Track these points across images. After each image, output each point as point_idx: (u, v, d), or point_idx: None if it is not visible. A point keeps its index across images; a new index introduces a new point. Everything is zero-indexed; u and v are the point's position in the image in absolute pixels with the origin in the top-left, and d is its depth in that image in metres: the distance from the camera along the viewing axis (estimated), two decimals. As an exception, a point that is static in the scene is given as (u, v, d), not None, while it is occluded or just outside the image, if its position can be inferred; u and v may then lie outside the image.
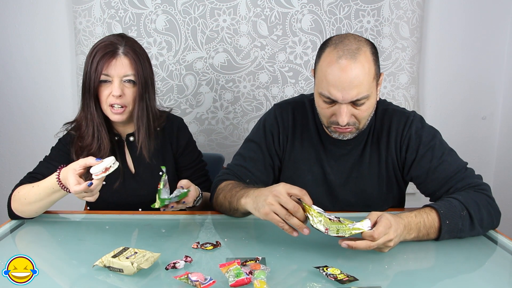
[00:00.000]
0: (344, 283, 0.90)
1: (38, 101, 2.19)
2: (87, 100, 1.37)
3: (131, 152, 1.47)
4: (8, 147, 2.24)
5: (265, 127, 1.41)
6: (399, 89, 2.13)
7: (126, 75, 1.34)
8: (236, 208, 1.20)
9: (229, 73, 2.11)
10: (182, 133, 1.52)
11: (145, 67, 1.38)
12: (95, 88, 1.34)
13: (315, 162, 1.37)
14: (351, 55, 1.15)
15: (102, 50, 1.33)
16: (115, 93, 1.32)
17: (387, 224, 0.98)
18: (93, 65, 1.32)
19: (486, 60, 2.22)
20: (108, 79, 1.33)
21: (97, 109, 1.37)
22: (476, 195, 1.17)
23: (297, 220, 1.01)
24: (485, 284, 0.95)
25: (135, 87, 1.36)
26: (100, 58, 1.32)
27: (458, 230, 1.11)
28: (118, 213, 1.36)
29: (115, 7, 2.03)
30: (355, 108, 1.19)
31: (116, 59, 1.33)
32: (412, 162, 1.29)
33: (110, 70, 1.32)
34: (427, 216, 1.10)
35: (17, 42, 2.14)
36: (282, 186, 1.04)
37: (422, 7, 2.08)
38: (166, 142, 1.50)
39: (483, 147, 2.31)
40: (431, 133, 1.31)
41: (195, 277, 0.89)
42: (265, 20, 2.06)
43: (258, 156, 1.39)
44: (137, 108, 1.38)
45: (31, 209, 1.27)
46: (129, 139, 1.47)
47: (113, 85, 1.33)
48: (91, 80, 1.33)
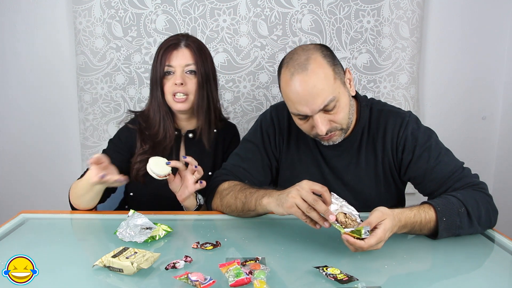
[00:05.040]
0: (344, 283, 0.90)
1: (38, 101, 2.19)
2: (154, 92, 1.47)
3: (187, 149, 1.53)
4: (8, 147, 2.24)
5: (261, 128, 1.42)
6: (399, 89, 2.13)
7: (187, 65, 1.44)
8: (254, 209, 1.21)
9: (229, 73, 2.11)
10: (236, 140, 1.60)
11: (206, 60, 1.48)
12: (161, 80, 1.44)
13: (312, 162, 1.38)
14: (301, 68, 1.17)
15: (166, 44, 1.46)
16: (177, 81, 1.42)
17: (380, 238, 0.99)
18: (158, 59, 1.45)
19: (486, 60, 2.22)
20: (171, 70, 1.44)
21: (163, 99, 1.47)
22: (474, 193, 1.18)
23: (316, 214, 1.03)
24: (484, 284, 0.95)
25: (196, 77, 1.45)
26: (164, 51, 1.44)
27: (456, 227, 1.12)
28: (118, 213, 1.36)
29: (115, 7, 2.03)
30: (328, 114, 1.20)
31: (177, 51, 1.44)
32: (409, 163, 1.30)
33: (173, 60, 1.43)
34: (425, 215, 1.11)
35: (17, 42, 2.14)
36: (305, 182, 1.07)
37: (422, 7, 2.08)
38: (219, 145, 1.56)
39: (483, 147, 2.31)
40: (427, 134, 1.31)
41: (195, 277, 0.89)
42: (265, 20, 2.06)
43: (256, 156, 1.39)
44: (198, 96, 1.46)
45: (84, 201, 1.34)
46: (188, 136, 1.53)
47: (176, 74, 1.43)
48: (157, 73, 1.45)
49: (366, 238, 0.99)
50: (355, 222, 1.02)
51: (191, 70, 1.44)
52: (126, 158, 1.48)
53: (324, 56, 1.20)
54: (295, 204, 1.05)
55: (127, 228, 1.12)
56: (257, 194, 1.20)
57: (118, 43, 2.04)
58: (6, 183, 2.24)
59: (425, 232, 1.13)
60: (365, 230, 0.99)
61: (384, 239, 1.01)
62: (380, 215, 1.02)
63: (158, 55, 1.46)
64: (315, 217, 1.04)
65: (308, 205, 1.04)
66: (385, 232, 1.00)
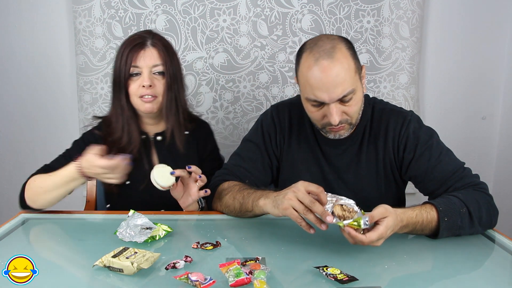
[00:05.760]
0: (344, 283, 0.90)
1: (38, 101, 2.19)
2: (117, 94, 1.39)
3: (159, 153, 1.46)
4: (8, 147, 2.24)
5: (262, 127, 1.42)
6: (399, 89, 2.13)
7: (155, 65, 1.36)
8: (251, 210, 1.20)
9: (229, 73, 2.11)
10: (210, 138, 1.54)
11: (173, 59, 1.40)
12: (125, 82, 1.36)
13: (313, 162, 1.38)
14: (327, 55, 1.16)
15: (130, 44, 1.36)
16: (145, 82, 1.34)
17: (381, 235, 0.99)
18: (122, 59, 1.35)
19: (486, 60, 2.23)
20: (138, 71, 1.35)
21: (127, 102, 1.38)
22: (476, 193, 1.18)
23: (313, 216, 1.02)
24: (484, 284, 0.95)
25: (164, 79, 1.37)
26: (129, 51, 1.34)
27: (457, 227, 1.12)
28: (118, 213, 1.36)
29: (115, 7, 2.03)
30: (343, 105, 1.20)
31: (144, 50, 1.35)
32: (410, 162, 1.30)
33: (139, 61, 1.34)
34: (427, 215, 1.11)
35: (17, 42, 2.14)
36: (301, 183, 1.06)
37: (422, 7, 2.08)
38: (193, 146, 1.49)
39: (483, 147, 2.31)
40: (429, 133, 1.31)
41: (195, 277, 0.89)
42: (265, 20, 2.06)
43: (257, 156, 1.39)
44: (166, 98, 1.39)
45: (46, 198, 1.28)
46: (156, 139, 1.47)
47: (143, 75, 1.35)
48: (121, 74, 1.35)
49: (368, 233, 0.98)
50: (353, 212, 1.01)
51: (159, 71, 1.36)
52: None
53: (348, 48, 1.21)
54: (291, 206, 1.04)
55: (127, 228, 1.12)
56: (254, 195, 1.20)
57: (118, 43, 2.04)
58: (6, 183, 2.25)
59: (426, 232, 1.13)
60: (364, 220, 0.98)
61: (385, 237, 1.00)
62: (383, 211, 1.01)
63: (121, 55, 1.35)
64: (311, 219, 1.03)
65: (305, 207, 1.02)
66: (387, 229, 1.00)
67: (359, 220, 0.98)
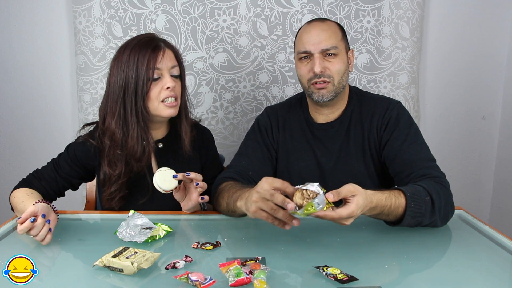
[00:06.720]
0: (344, 283, 0.90)
1: (38, 101, 2.19)
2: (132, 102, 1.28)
3: (160, 161, 1.42)
4: (8, 147, 2.24)
5: (259, 125, 1.52)
6: (399, 89, 2.13)
7: (173, 66, 1.32)
8: (234, 210, 1.21)
9: (229, 73, 2.11)
10: (211, 145, 1.53)
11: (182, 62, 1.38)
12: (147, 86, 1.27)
13: (307, 149, 1.46)
14: (320, 20, 1.42)
15: (147, 46, 1.29)
16: (170, 84, 1.29)
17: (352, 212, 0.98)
18: (139, 63, 1.27)
19: (486, 60, 2.23)
20: (159, 74, 1.29)
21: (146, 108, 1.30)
22: (436, 185, 1.20)
23: (283, 213, 1.00)
24: (484, 284, 0.95)
25: (179, 80, 1.35)
26: (150, 54, 1.27)
27: (420, 214, 1.13)
28: (118, 213, 1.36)
29: (115, 7, 2.03)
30: (327, 60, 1.36)
31: (163, 52, 1.30)
32: (386, 142, 1.37)
33: (161, 63, 1.29)
34: (396, 200, 1.11)
35: (17, 41, 2.14)
36: (264, 181, 1.03)
37: (422, 7, 2.08)
38: (195, 152, 1.46)
39: (483, 147, 2.31)
40: (410, 122, 1.39)
41: (195, 277, 0.89)
42: (265, 20, 2.06)
43: (256, 151, 1.47)
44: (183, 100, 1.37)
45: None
46: (157, 146, 1.42)
47: (165, 78, 1.30)
48: (140, 78, 1.27)
49: (339, 208, 0.97)
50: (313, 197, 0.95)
51: (177, 74, 1.33)
52: (79, 174, 1.41)
53: (338, 26, 1.43)
54: (258, 208, 1.02)
55: (127, 228, 1.12)
56: (235, 196, 1.19)
57: (118, 43, 2.04)
58: (6, 183, 2.25)
59: (391, 218, 1.12)
60: (316, 202, 0.94)
61: (355, 215, 0.99)
62: (352, 188, 1.00)
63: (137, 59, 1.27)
64: (282, 216, 1.00)
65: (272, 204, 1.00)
66: (358, 208, 0.99)
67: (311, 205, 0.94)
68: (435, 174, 1.25)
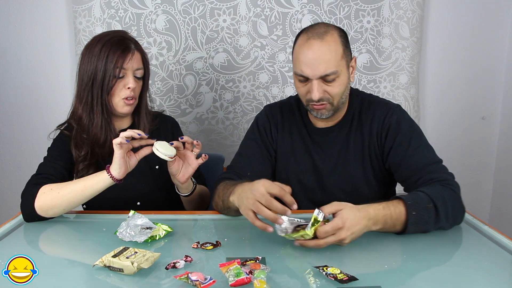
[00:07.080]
0: (344, 283, 0.90)
1: (39, 101, 2.19)
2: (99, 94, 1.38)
3: None
4: (8, 147, 2.24)
5: (258, 124, 1.51)
6: (399, 89, 2.13)
7: (138, 69, 1.40)
8: (228, 206, 1.22)
9: (229, 73, 2.11)
10: (176, 130, 1.58)
11: (148, 64, 1.46)
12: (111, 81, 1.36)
13: (305, 152, 1.44)
14: (318, 36, 1.27)
15: (118, 46, 1.37)
16: (131, 85, 1.38)
17: (336, 225, 1.01)
18: (108, 60, 1.35)
19: (486, 60, 2.23)
20: (124, 74, 1.38)
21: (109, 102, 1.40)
22: (442, 189, 1.19)
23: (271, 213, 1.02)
24: (484, 284, 0.95)
25: (141, 81, 1.43)
26: (119, 54, 1.36)
27: (424, 222, 1.12)
28: (118, 213, 1.36)
29: (115, 7, 2.03)
30: (326, 85, 1.28)
31: (132, 54, 1.38)
32: (390, 150, 1.35)
33: (127, 64, 1.37)
34: (395, 208, 1.11)
35: (17, 41, 2.14)
36: (262, 184, 1.05)
37: (422, 7, 2.08)
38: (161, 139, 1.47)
39: (483, 147, 2.31)
40: (411, 126, 1.37)
41: (195, 277, 0.89)
42: (265, 20, 2.06)
43: (255, 150, 1.46)
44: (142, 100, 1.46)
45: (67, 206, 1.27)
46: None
47: (128, 78, 1.38)
48: (107, 74, 1.36)
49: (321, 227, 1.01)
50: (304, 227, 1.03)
51: (139, 76, 1.41)
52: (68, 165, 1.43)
53: (340, 36, 1.30)
54: (250, 209, 1.04)
55: (127, 228, 1.12)
56: (229, 192, 1.21)
57: (118, 43, 2.04)
58: (6, 183, 2.25)
59: (398, 228, 1.13)
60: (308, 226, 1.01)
61: (344, 227, 1.01)
62: (336, 204, 1.04)
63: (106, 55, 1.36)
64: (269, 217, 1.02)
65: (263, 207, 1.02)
66: (343, 220, 1.01)
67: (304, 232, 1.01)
68: (443, 177, 1.24)
